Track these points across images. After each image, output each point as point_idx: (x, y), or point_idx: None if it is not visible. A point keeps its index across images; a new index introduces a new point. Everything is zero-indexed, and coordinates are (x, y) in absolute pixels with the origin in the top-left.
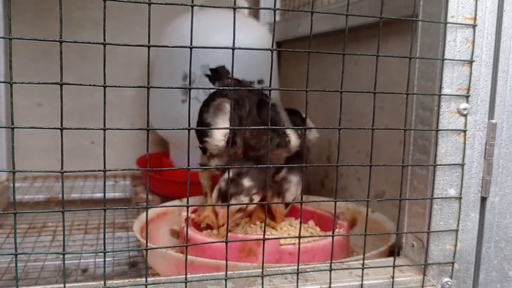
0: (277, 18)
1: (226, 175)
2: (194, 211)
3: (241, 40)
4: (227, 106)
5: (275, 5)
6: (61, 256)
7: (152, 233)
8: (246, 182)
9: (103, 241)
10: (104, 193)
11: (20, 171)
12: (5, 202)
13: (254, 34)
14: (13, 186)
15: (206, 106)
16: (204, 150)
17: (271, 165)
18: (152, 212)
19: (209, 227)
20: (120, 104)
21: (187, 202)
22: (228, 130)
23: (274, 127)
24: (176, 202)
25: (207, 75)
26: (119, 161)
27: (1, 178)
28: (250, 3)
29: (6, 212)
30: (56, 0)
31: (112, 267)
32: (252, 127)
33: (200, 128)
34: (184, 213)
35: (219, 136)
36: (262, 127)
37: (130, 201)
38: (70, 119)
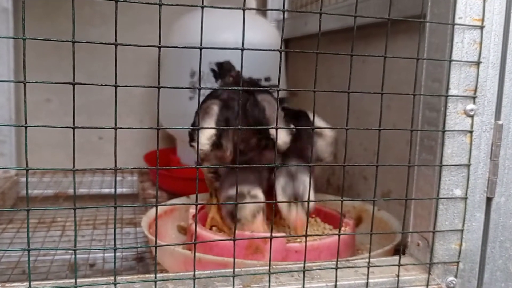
0: (285, 15)
1: (227, 192)
2: (201, 208)
3: (249, 38)
4: (214, 108)
5: (284, 6)
6: (70, 251)
7: (159, 229)
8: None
9: (114, 238)
10: (115, 191)
11: (33, 169)
12: (15, 197)
13: (262, 32)
14: (26, 183)
15: (199, 108)
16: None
17: (279, 165)
18: (160, 208)
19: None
20: (129, 101)
21: (196, 200)
22: (213, 133)
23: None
24: (184, 199)
25: (212, 69)
26: (127, 157)
27: (10, 173)
28: (257, 1)
29: (19, 209)
30: None
31: (121, 262)
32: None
33: (206, 127)
34: (191, 210)
35: (203, 140)
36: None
37: (137, 197)
38: (79, 115)
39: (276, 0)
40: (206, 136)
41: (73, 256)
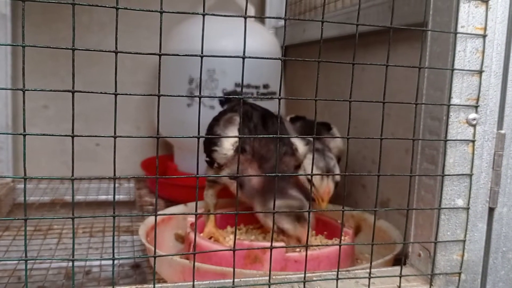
0: (282, 23)
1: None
2: (199, 217)
3: (247, 45)
4: (236, 119)
5: (286, 14)
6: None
7: (157, 237)
8: (295, 192)
9: (112, 248)
10: (114, 200)
11: (32, 178)
12: (11, 204)
13: (260, 39)
14: (24, 192)
15: (216, 120)
16: (211, 162)
17: (280, 174)
18: (158, 217)
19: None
20: (126, 108)
21: (196, 210)
22: (236, 140)
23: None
24: (181, 208)
25: (220, 100)
26: (123, 164)
27: (6, 180)
28: (255, 7)
29: (16, 218)
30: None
31: (117, 270)
32: (261, 136)
33: (209, 136)
34: (189, 218)
35: (227, 145)
36: (271, 135)
37: (134, 204)
38: (77, 122)
39: (274, 7)
40: (230, 142)
41: (69, 263)
